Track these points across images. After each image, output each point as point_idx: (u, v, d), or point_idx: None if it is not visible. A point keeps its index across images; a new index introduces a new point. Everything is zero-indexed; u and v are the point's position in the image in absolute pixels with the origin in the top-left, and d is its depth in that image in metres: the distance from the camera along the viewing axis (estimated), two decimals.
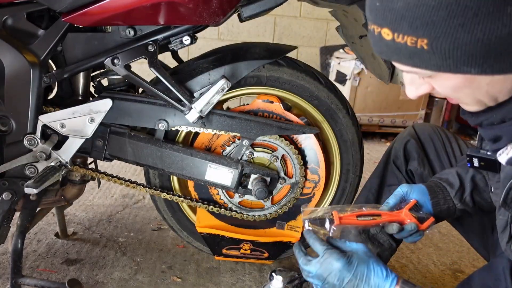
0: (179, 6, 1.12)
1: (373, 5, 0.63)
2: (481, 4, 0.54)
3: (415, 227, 0.98)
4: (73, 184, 1.40)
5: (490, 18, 0.54)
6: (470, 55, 0.58)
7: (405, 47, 0.61)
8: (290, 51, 1.38)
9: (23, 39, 1.19)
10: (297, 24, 3.95)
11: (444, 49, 0.59)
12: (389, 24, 0.61)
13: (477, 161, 0.97)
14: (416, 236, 1.01)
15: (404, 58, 0.64)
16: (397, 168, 1.27)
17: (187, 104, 1.26)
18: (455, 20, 0.56)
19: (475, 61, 0.59)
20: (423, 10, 0.57)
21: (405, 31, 0.60)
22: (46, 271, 1.51)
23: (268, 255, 1.54)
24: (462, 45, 0.57)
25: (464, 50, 0.58)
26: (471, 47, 0.57)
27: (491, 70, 0.60)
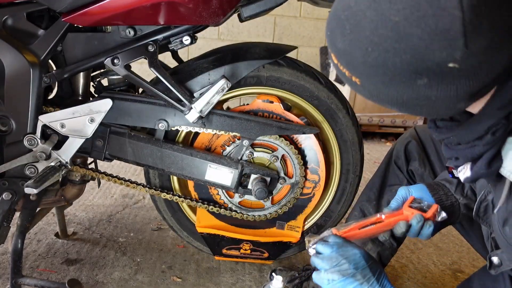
0: (179, 6, 1.12)
1: (326, 31, 0.73)
2: (396, 73, 0.63)
3: (420, 217, 0.95)
4: (73, 184, 1.40)
5: (403, 85, 0.64)
6: (390, 101, 0.69)
7: (345, 75, 0.71)
8: (290, 51, 1.38)
9: (23, 39, 1.19)
10: (297, 24, 3.95)
11: (369, 91, 0.70)
12: (335, 53, 0.71)
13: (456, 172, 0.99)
14: (427, 228, 0.98)
15: (346, 82, 0.74)
16: (399, 168, 1.28)
17: (187, 104, 1.26)
18: (376, 77, 0.65)
19: (395, 106, 0.70)
20: (354, 60, 0.66)
21: (344, 66, 0.70)
22: (46, 271, 1.51)
23: (268, 255, 1.54)
24: (382, 94, 0.68)
25: (384, 97, 0.69)
26: (390, 98, 0.68)
27: (409, 113, 0.72)
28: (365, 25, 0.62)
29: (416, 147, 1.26)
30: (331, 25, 0.70)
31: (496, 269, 0.88)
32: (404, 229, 0.95)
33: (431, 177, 1.23)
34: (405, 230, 0.96)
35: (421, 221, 0.95)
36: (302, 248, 1.59)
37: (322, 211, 1.53)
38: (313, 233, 1.56)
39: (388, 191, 1.30)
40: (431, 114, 0.72)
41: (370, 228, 0.93)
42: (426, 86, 0.63)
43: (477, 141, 0.73)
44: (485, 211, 0.92)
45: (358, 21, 0.63)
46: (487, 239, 0.96)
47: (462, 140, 0.76)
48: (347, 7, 0.66)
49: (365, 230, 0.93)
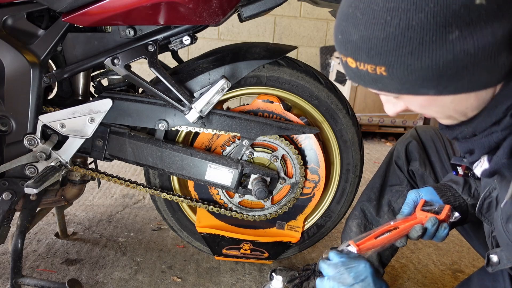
0: (179, 6, 1.12)
1: (336, 38, 0.68)
2: (424, 34, 0.57)
3: (435, 220, 0.95)
4: (73, 184, 1.40)
5: (434, 45, 0.58)
6: (424, 79, 0.62)
7: (367, 74, 0.65)
8: (290, 51, 1.38)
9: (23, 39, 1.20)
10: (297, 24, 3.95)
11: (399, 75, 0.62)
12: (351, 54, 0.65)
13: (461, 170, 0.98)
14: (443, 230, 0.98)
15: (369, 83, 0.68)
16: (399, 168, 1.28)
17: (187, 104, 1.26)
18: (404, 49, 0.59)
19: (430, 83, 0.62)
20: (375, 42, 0.61)
21: (364, 60, 0.64)
22: (46, 271, 1.51)
23: (268, 255, 1.54)
24: (415, 70, 0.61)
25: (418, 75, 0.61)
26: (423, 72, 0.61)
27: (447, 91, 0.64)
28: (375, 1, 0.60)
29: (417, 148, 1.26)
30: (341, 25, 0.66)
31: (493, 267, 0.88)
32: (420, 232, 0.95)
33: (431, 178, 1.23)
34: (421, 233, 0.95)
35: (436, 223, 0.95)
36: (302, 248, 1.59)
37: (322, 211, 1.53)
38: (314, 233, 1.56)
39: (388, 191, 1.30)
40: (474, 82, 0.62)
41: (386, 236, 0.93)
42: (460, 39, 0.57)
43: (494, 127, 0.68)
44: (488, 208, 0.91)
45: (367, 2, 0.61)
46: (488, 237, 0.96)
47: (478, 128, 0.70)
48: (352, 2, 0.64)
49: (382, 239, 0.92)
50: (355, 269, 0.85)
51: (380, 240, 0.92)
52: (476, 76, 0.61)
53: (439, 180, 1.23)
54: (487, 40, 0.57)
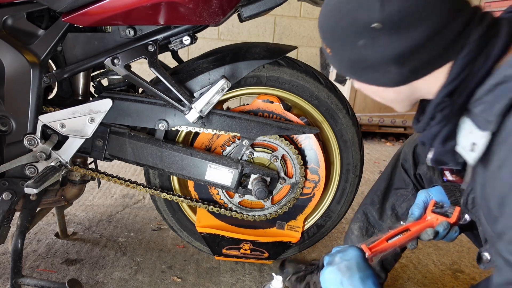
0: (179, 6, 1.12)
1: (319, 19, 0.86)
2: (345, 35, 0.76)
3: (447, 224, 0.96)
4: (73, 184, 1.40)
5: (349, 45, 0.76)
6: (346, 66, 0.81)
7: (326, 52, 0.84)
8: (290, 51, 1.38)
9: (23, 39, 1.20)
10: (297, 24, 3.95)
11: (335, 58, 0.82)
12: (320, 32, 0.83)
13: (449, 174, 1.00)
14: (453, 233, 0.99)
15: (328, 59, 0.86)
16: (405, 172, 1.26)
17: (187, 104, 1.26)
18: (337, 42, 0.78)
19: (349, 71, 0.82)
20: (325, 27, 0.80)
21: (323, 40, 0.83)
22: (46, 271, 1.51)
23: (268, 255, 1.54)
24: (341, 59, 0.81)
25: (342, 62, 0.81)
26: (344, 62, 0.81)
27: (361, 80, 0.82)
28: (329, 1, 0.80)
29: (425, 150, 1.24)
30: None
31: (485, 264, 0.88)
32: (431, 236, 0.96)
33: (440, 181, 1.21)
34: (433, 237, 0.96)
35: (447, 228, 0.97)
36: (302, 248, 1.59)
37: (322, 211, 1.53)
38: (314, 233, 1.56)
39: (393, 195, 1.28)
40: (374, 78, 0.80)
41: (397, 239, 0.93)
42: (364, 47, 0.75)
43: (432, 122, 0.79)
44: (473, 203, 0.91)
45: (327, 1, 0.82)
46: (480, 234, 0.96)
47: (424, 124, 0.82)
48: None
49: (393, 242, 0.93)
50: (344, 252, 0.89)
51: (392, 243, 0.92)
52: (375, 75, 0.79)
53: None
54: (379, 54, 0.74)
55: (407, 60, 0.73)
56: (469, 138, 0.72)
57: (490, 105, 0.67)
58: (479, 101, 0.70)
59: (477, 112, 0.70)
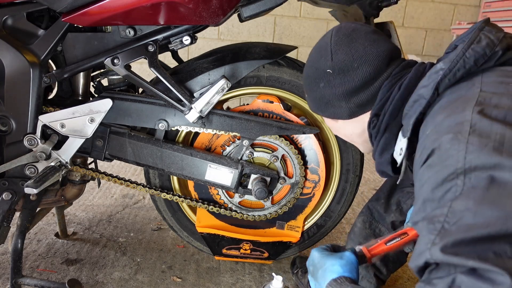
0: (179, 6, 1.12)
1: None
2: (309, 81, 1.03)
3: None
4: (73, 184, 1.40)
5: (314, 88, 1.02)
6: (316, 104, 1.04)
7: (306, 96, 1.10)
8: (290, 51, 1.38)
9: (23, 39, 1.20)
10: (297, 24, 3.95)
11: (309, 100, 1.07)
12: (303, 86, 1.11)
13: None
14: None
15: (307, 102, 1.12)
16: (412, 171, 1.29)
17: (187, 104, 1.26)
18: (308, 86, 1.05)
19: (317, 108, 1.05)
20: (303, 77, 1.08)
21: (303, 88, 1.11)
22: (46, 271, 1.51)
23: (268, 255, 1.54)
24: (312, 99, 1.05)
25: (314, 101, 1.05)
26: (312, 100, 1.05)
27: (326, 115, 1.04)
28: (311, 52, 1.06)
29: None
30: None
31: None
32: None
33: None
34: None
35: None
36: (302, 248, 1.59)
37: (322, 211, 1.53)
38: (314, 233, 1.56)
39: (399, 192, 1.31)
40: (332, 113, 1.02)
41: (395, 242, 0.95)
42: (323, 88, 0.99)
43: (371, 140, 1.00)
44: None
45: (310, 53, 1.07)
46: None
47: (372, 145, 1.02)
48: None
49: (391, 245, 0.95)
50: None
51: (390, 246, 0.95)
52: (332, 110, 1.01)
53: None
54: (333, 92, 0.98)
55: (351, 97, 0.96)
56: (398, 145, 0.92)
57: (409, 118, 0.86)
58: (406, 115, 0.88)
59: (404, 124, 0.88)
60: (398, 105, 0.91)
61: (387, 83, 0.93)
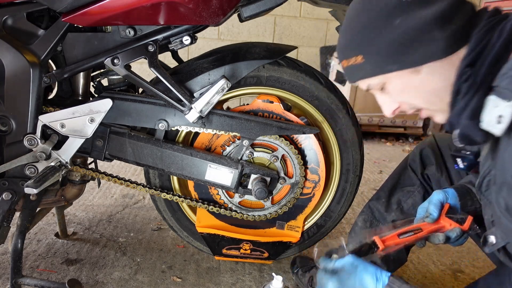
0: (179, 6, 1.12)
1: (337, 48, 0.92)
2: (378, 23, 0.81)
3: (460, 232, 0.99)
4: (73, 184, 1.40)
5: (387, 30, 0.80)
6: (387, 56, 0.81)
7: (353, 66, 0.86)
8: (290, 51, 1.38)
9: (23, 39, 1.19)
10: (297, 24, 3.95)
11: (372, 58, 0.83)
12: (342, 56, 0.89)
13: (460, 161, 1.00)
14: (462, 239, 1.02)
15: (356, 75, 0.88)
16: (413, 171, 1.30)
17: (187, 104, 1.26)
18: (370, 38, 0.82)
19: (392, 59, 0.81)
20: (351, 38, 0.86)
21: (348, 56, 0.87)
22: (46, 271, 1.51)
23: (268, 255, 1.54)
24: (380, 50, 0.81)
25: (383, 54, 0.81)
26: (385, 50, 0.81)
27: (406, 64, 0.81)
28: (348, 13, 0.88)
29: (433, 153, 1.28)
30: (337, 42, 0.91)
31: (490, 247, 0.90)
32: (442, 242, 0.99)
33: (447, 183, 1.25)
34: (444, 241, 0.99)
35: (460, 235, 0.99)
36: (302, 248, 1.59)
37: (322, 211, 1.53)
38: (314, 233, 1.56)
39: (399, 191, 1.32)
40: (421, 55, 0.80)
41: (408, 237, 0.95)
42: (402, 23, 0.78)
43: (458, 97, 0.81)
44: (487, 186, 0.92)
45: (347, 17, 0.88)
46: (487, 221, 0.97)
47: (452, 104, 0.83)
48: None
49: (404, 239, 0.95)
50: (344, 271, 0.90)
51: (403, 239, 0.95)
52: (421, 50, 0.79)
53: None
54: (420, 21, 0.77)
55: (446, 22, 0.77)
56: (494, 112, 0.74)
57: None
58: (505, 75, 0.73)
59: (503, 86, 0.73)
60: (500, 53, 0.76)
61: (482, 27, 0.78)
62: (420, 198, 1.28)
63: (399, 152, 3.51)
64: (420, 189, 1.29)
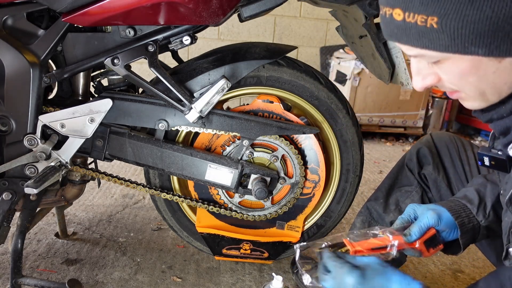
0: (179, 6, 1.12)
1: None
2: None
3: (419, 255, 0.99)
4: (73, 184, 1.40)
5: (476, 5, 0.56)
6: (478, 34, 0.59)
7: (415, 26, 0.62)
8: (290, 51, 1.38)
9: (23, 39, 1.19)
10: (297, 24, 3.95)
11: (453, 27, 0.60)
12: (401, 3, 0.63)
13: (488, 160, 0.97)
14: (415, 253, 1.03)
15: (413, 39, 0.65)
16: (410, 171, 1.29)
17: (187, 104, 1.26)
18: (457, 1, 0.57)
19: (483, 40, 0.60)
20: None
21: (416, 10, 0.61)
22: (46, 271, 1.51)
23: (268, 255, 1.54)
24: (471, 23, 0.58)
25: (473, 28, 0.59)
26: (479, 26, 0.58)
27: (498, 52, 0.61)
28: None
29: (430, 152, 1.27)
30: None
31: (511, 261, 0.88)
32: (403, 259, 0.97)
33: (444, 183, 1.24)
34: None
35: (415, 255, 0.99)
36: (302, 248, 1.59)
37: (322, 211, 1.53)
38: (314, 233, 1.56)
39: (397, 191, 1.31)
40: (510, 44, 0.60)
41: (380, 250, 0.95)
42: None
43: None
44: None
45: None
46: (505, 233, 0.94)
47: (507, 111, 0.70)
48: None
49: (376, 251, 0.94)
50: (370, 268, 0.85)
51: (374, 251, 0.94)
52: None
53: (451, 185, 1.23)
54: None
55: None
56: None
57: None
58: None
59: None
60: None
61: None
62: (419, 198, 1.27)
63: (399, 152, 3.51)
64: (418, 189, 1.28)
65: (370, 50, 1.37)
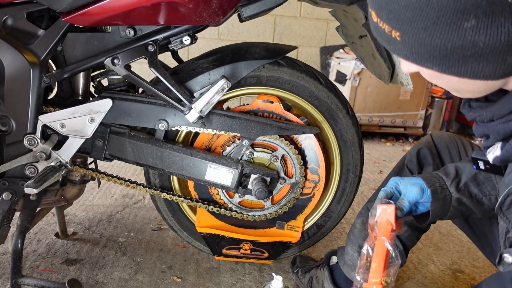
0: (179, 6, 1.12)
1: None
2: (441, 14, 0.59)
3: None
4: (73, 184, 1.40)
5: (448, 28, 0.59)
6: (431, 55, 0.64)
7: (384, 33, 0.68)
8: (290, 51, 1.38)
9: (23, 39, 1.19)
10: (297, 24, 3.95)
11: (410, 44, 0.64)
12: (375, 8, 0.68)
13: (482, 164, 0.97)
14: None
15: (384, 41, 0.71)
16: (410, 171, 1.29)
17: (187, 104, 1.26)
18: (419, 23, 0.61)
19: (436, 61, 0.64)
20: (396, 7, 0.63)
21: (384, 20, 0.66)
22: (46, 271, 1.51)
23: (268, 255, 1.54)
24: (425, 45, 0.63)
25: (426, 49, 0.64)
26: (432, 49, 0.63)
27: (450, 72, 0.65)
28: None
29: (430, 153, 1.26)
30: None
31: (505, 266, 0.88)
32: None
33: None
34: None
35: None
36: (302, 248, 1.59)
37: (322, 211, 1.53)
38: (314, 233, 1.56)
39: None
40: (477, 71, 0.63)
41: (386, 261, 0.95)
42: (474, 30, 0.58)
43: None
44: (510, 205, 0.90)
45: None
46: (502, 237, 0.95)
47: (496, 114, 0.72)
48: None
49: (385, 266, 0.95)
50: None
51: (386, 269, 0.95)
52: (480, 67, 0.62)
53: None
54: (499, 39, 0.58)
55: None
56: None
57: None
58: None
59: None
60: None
61: None
62: None
63: (399, 152, 3.51)
64: None
65: (370, 50, 1.37)
